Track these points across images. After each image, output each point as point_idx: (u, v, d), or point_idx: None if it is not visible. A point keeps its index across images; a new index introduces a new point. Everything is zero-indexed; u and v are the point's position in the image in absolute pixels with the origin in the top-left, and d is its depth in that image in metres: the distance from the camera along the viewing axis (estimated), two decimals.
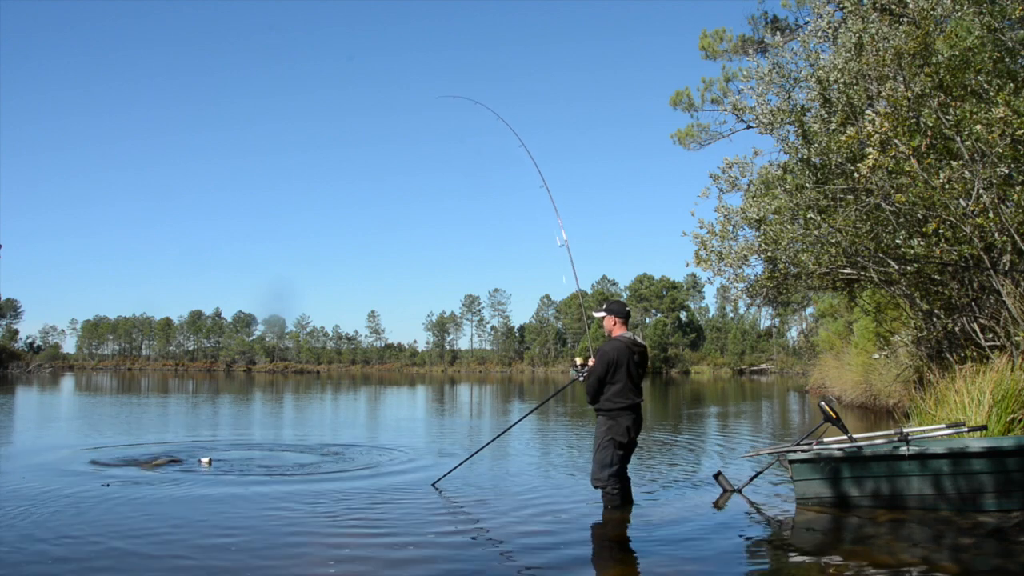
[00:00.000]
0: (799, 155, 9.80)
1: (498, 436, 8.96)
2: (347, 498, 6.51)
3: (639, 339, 6.18)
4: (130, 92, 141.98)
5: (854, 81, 9.02)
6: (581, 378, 6.17)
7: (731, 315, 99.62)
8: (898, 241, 9.04)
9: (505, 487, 7.23)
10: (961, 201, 8.12)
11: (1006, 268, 8.49)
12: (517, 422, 8.97)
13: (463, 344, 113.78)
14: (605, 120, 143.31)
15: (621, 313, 6.20)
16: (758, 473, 7.24)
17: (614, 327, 6.18)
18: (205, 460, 8.16)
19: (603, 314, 6.25)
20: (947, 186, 8.03)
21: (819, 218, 9.46)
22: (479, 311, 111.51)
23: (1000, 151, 7.74)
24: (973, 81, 8.25)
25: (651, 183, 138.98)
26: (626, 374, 5.91)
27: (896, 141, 8.08)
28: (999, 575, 4.35)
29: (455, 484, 7.11)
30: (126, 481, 7.28)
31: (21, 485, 7.04)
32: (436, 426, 15.62)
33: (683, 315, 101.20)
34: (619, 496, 5.89)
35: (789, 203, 9.77)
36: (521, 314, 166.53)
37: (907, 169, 8.22)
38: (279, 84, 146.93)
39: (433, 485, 7.07)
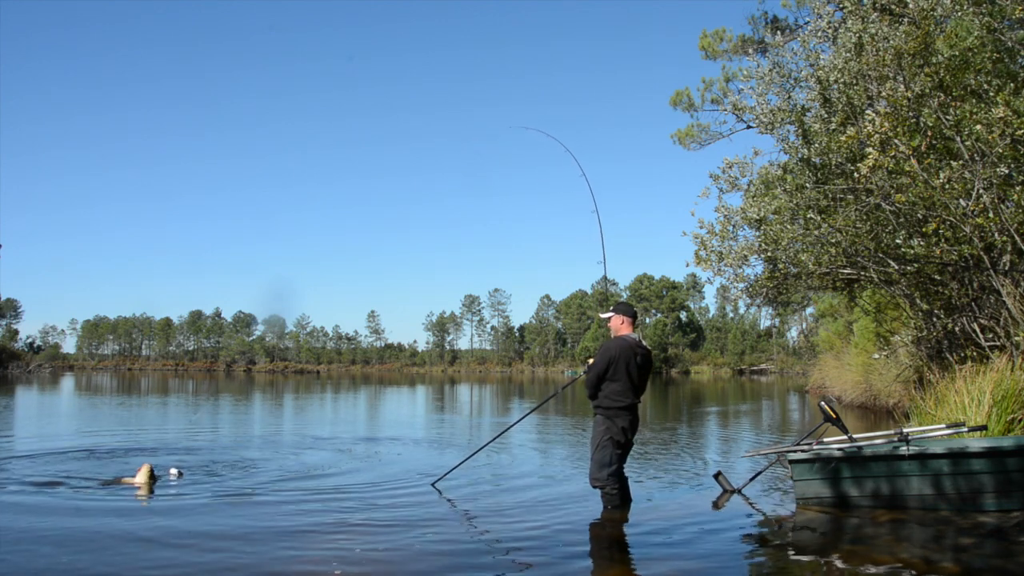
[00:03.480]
0: (799, 155, 9.80)
1: (498, 436, 8.95)
2: (346, 499, 6.50)
3: (644, 342, 6.18)
4: (130, 92, 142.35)
5: (854, 81, 9.01)
6: (584, 375, 6.18)
7: (731, 315, 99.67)
8: (898, 241, 9.03)
9: (505, 487, 7.23)
10: (961, 201, 8.11)
11: (1006, 268, 8.48)
12: (517, 422, 8.96)
13: (463, 344, 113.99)
14: (605, 120, 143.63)
15: (629, 312, 6.21)
16: (758, 473, 7.24)
17: (621, 326, 6.19)
18: (174, 471, 7.67)
19: (610, 315, 6.25)
20: (947, 186, 8.03)
21: (819, 218, 9.46)
22: (479, 311, 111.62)
23: (1000, 151, 7.74)
24: (973, 81, 8.24)
25: (651, 183, 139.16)
26: (626, 373, 5.91)
27: (896, 141, 8.08)
28: (999, 575, 4.34)
29: (455, 484, 7.11)
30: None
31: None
32: (436, 426, 15.62)
33: (683, 315, 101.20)
34: (618, 496, 5.90)
35: (789, 203, 9.76)
36: (521, 314, 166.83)
37: (907, 169, 8.22)
38: (279, 84, 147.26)
39: (433, 485, 7.07)
